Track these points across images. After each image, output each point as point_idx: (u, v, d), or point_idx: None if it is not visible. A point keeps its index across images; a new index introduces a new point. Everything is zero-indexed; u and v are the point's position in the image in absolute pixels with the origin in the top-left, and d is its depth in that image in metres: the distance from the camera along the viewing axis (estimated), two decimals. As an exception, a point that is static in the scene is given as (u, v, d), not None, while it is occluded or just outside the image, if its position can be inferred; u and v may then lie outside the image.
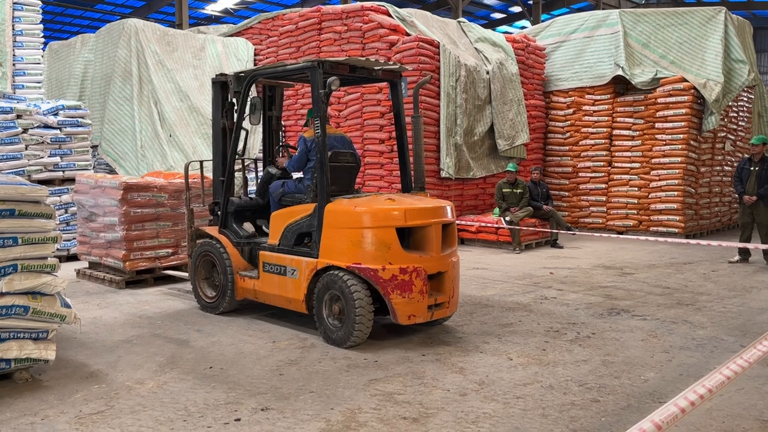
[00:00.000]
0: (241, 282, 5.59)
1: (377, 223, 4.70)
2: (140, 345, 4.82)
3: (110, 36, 11.18)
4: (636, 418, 3.41)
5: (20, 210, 3.88)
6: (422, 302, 4.75)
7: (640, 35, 11.81)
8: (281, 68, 5.50)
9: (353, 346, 4.72)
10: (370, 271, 4.66)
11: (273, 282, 5.31)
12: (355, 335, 4.67)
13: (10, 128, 8.10)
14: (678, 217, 10.96)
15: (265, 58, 12.18)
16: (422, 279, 4.73)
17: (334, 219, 4.86)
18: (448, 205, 5.12)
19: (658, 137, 11.17)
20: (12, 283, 3.79)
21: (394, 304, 4.68)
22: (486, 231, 10.18)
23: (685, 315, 5.75)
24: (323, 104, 5.01)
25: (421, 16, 11.07)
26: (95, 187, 7.08)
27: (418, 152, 5.59)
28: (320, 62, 5.02)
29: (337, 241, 4.82)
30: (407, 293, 4.68)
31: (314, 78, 5.01)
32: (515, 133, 11.22)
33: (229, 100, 5.95)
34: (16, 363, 3.88)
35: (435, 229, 4.85)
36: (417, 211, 4.82)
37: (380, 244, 4.68)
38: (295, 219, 5.21)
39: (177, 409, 3.58)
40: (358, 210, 4.77)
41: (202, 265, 5.97)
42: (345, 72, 5.30)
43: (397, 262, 4.67)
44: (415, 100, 5.68)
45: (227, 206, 5.84)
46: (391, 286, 4.66)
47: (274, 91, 6.58)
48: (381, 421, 3.42)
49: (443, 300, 4.93)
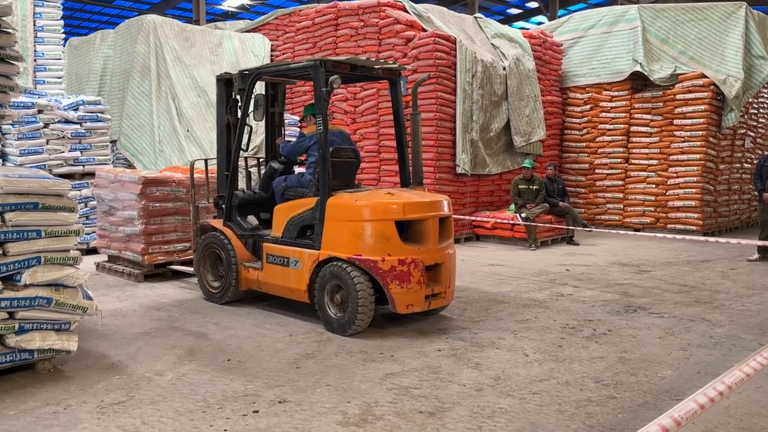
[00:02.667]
0: (245, 273, 5.77)
1: (377, 216, 4.91)
2: (159, 337, 4.88)
3: (129, 32, 11.28)
4: (653, 415, 3.40)
5: (44, 203, 3.95)
6: (420, 292, 4.95)
7: (659, 31, 11.69)
8: (284, 67, 5.72)
9: (355, 334, 4.90)
10: (370, 263, 4.86)
11: (276, 273, 5.50)
12: (357, 323, 4.85)
13: (32, 123, 8.22)
14: (696, 215, 10.86)
15: (282, 54, 12.22)
16: (420, 270, 4.93)
17: (336, 212, 5.06)
18: (445, 199, 5.33)
19: (676, 134, 11.06)
20: (35, 275, 3.86)
21: (393, 293, 4.88)
22: (501, 227, 10.16)
23: (702, 313, 5.71)
24: (325, 102, 5.17)
25: (438, 12, 11.05)
26: (115, 181, 7.16)
27: (416, 148, 5.78)
28: (322, 61, 5.23)
29: (338, 234, 5.02)
30: (405, 283, 4.89)
31: (316, 76, 5.20)
32: (531, 130, 11.17)
33: (234, 97, 6.08)
34: (39, 353, 3.95)
35: (432, 223, 5.07)
36: (415, 205, 5.02)
37: (380, 237, 4.89)
38: (297, 212, 5.40)
39: (196, 400, 3.63)
40: (358, 203, 4.97)
41: (208, 256, 6.15)
42: (346, 71, 5.47)
43: (396, 253, 4.88)
44: (414, 98, 5.85)
45: (231, 200, 6.00)
46: (390, 276, 4.86)
47: (277, 88, 6.72)
48: (397, 415, 3.44)
49: (440, 290, 5.14)
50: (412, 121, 5.83)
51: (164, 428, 3.26)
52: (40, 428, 3.26)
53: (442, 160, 9.96)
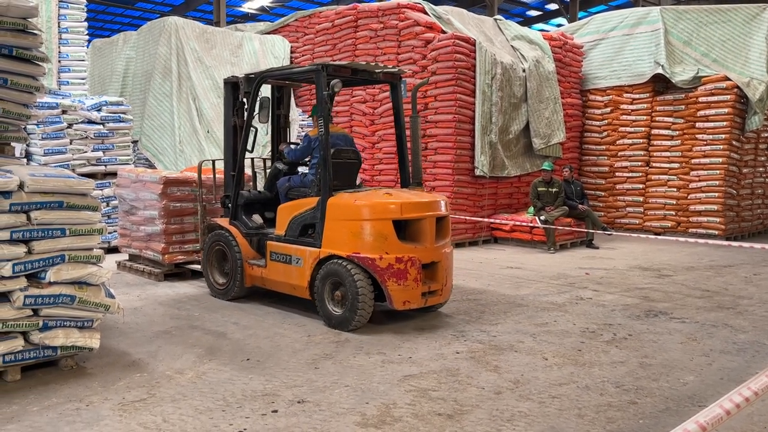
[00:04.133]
0: (249, 270, 5.96)
1: (375, 215, 5.09)
2: (179, 336, 4.93)
3: (151, 33, 11.41)
4: (675, 421, 3.36)
5: (68, 202, 4.00)
6: (416, 289, 5.11)
7: (681, 33, 11.56)
8: (288, 71, 5.99)
9: (354, 330, 5.05)
10: (368, 260, 5.02)
11: (279, 270, 5.68)
12: (357, 319, 5.01)
13: (56, 123, 8.34)
14: (718, 219, 10.72)
15: (302, 56, 12.27)
16: (417, 268, 5.10)
17: (336, 212, 5.23)
18: (443, 199, 5.51)
19: (698, 137, 10.93)
20: (60, 273, 3.91)
21: (390, 290, 5.04)
22: (520, 230, 10.10)
23: (725, 318, 5.63)
24: (327, 104, 5.34)
25: (457, 14, 11.02)
26: (136, 181, 7.24)
27: (415, 150, 5.94)
28: (324, 66, 5.42)
29: (338, 232, 5.19)
30: (402, 281, 5.04)
31: (318, 80, 5.41)
32: (551, 132, 11.10)
33: (240, 100, 6.26)
34: (62, 350, 4.01)
35: (429, 222, 5.23)
36: (412, 204, 5.19)
37: (378, 235, 5.05)
38: (300, 211, 5.58)
39: (216, 399, 3.66)
40: (358, 203, 5.15)
41: (214, 254, 6.33)
42: (347, 74, 5.67)
43: (394, 251, 5.05)
44: (414, 101, 6.02)
45: (237, 199, 6.18)
46: (387, 274, 5.01)
47: (282, 91, 6.94)
48: (416, 417, 3.43)
49: (436, 288, 5.30)
50: (411, 123, 5.98)
51: (185, 426, 3.29)
52: (63, 424, 3.30)
53: (460, 162, 9.93)
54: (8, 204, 3.77)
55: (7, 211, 3.77)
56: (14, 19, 4.14)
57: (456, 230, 9.89)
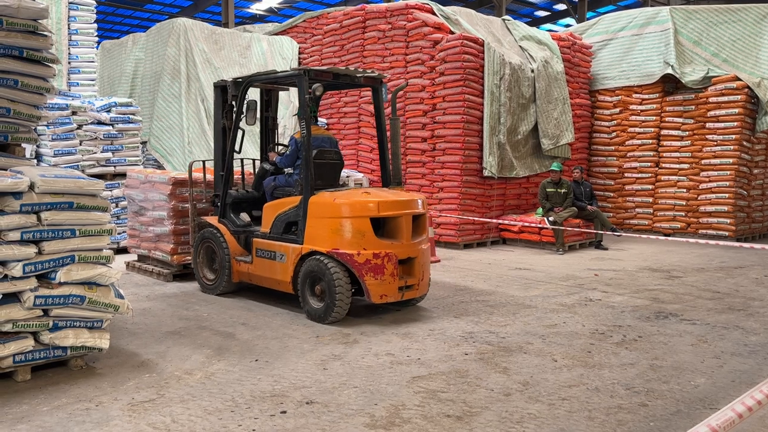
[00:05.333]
0: (237, 266, 6.19)
1: (353, 213, 5.31)
2: (188, 336, 4.94)
3: (160, 35, 11.45)
4: (686, 424, 3.34)
5: (78, 203, 4.02)
6: (393, 284, 5.33)
7: (691, 33, 11.49)
8: (273, 75, 6.20)
9: (333, 322, 5.28)
10: (347, 256, 5.24)
11: (264, 266, 5.91)
12: (334, 312, 5.23)
13: (66, 124, 8.39)
14: (729, 220, 10.64)
15: (310, 57, 12.29)
16: (393, 263, 5.31)
17: (317, 210, 5.47)
18: (420, 198, 5.72)
19: (708, 137, 10.86)
20: (70, 273, 3.93)
21: (368, 285, 5.25)
22: (529, 231, 10.07)
23: (736, 320, 5.59)
24: (309, 107, 5.62)
25: (466, 14, 11.00)
26: (145, 182, 7.27)
27: (395, 151, 6.22)
28: (306, 70, 5.65)
29: (319, 230, 5.43)
30: (380, 275, 5.26)
31: (301, 84, 5.64)
32: (560, 133, 11.05)
33: (229, 103, 6.46)
34: (72, 350, 4.03)
35: (405, 220, 5.44)
36: (389, 203, 5.42)
37: (356, 232, 5.28)
38: (283, 210, 5.82)
39: (225, 399, 3.66)
40: (337, 202, 5.37)
41: (204, 251, 6.56)
42: (329, 79, 5.88)
43: (371, 247, 5.27)
44: (393, 104, 6.25)
45: (226, 198, 6.42)
46: (365, 269, 5.23)
47: (270, 94, 7.12)
48: (425, 418, 3.42)
49: (413, 282, 5.50)
50: (391, 125, 6.23)
51: (194, 427, 3.29)
52: (72, 424, 3.31)
53: (468, 162, 9.91)
54: (19, 205, 3.79)
55: (17, 211, 3.79)
56: (25, 21, 4.16)
57: (464, 231, 9.87)
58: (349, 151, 11.40)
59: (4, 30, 4.09)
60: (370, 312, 5.77)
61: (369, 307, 5.90)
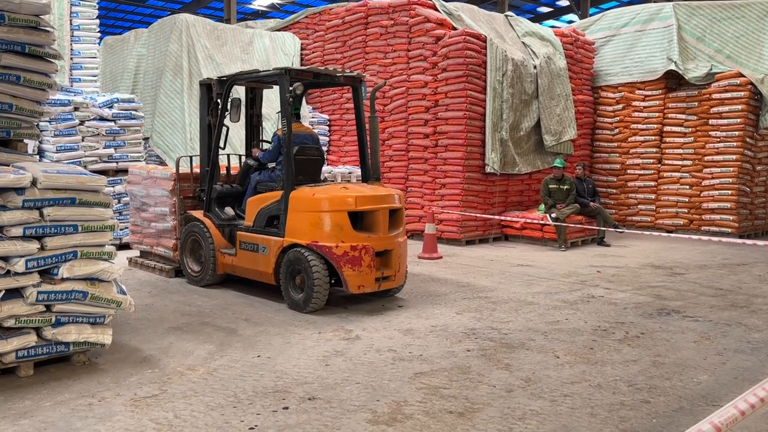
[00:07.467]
0: (221, 258, 6.38)
1: (332, 207, 5.52)
2: (190, 332, 4.94)
3: (162, 31, 11.43)
4: (689, 420, 3.33)
5: (80, 199, 4.02)
6: (370, 275, 5.55)
7: (694, 29, 11.45)
8: (255, 74, 6.41)
9: (312, 311, 5.49)
10: (326, 248, 5.46)
11: (248, 258, 6.10)
12: (313, 302, 5.45)
13: (69, 120, 8.38)
14: (731, 217, 10.62)
15: (312, 53, 12.27)
16: (370, 255, 5.53)
17: (297, 204, 5.66)
18: (397, 193, 5.91)
19: (711, 134, 10.83)
20: (72, 269, 3.93)
21: (346, 276, 5.47)
22: (531, 227, 10.06)
23: (739, 317, 5.58)
24: (290, 105, 5.79)
25: (468, 10, 10.98)
26: (147, 178, 7.27)
27: (374, 147, 6.38)
28: (287, 70, 5.84)
29: (299, 223, 5.62)
30: (357, 267, 5.48)
31: (282, 83, 5.80)
32: (562, 129, 11.03)
33: (215, 101, 6.61)
34: (74, 346, 4.03)
35: (382, 213, 5.67)
36: (367, 198, 5.62)
37: (334, 226, 5.49)
38: (266, 204, 6.00)
39: (227, 395, 3.66)
40: (316, 196, 5.58)
41: (190, 243, 6.70)
42: (309, 78, 6.06)
43: (349, 240, 5.48)
44: (372, 103, 6.36)
45: (211, 193, 6.59)
46: (343, 260, 5.45)
47: (255, 92, 7.28)
48: (427, 415, 3.42)
49: (389, 273, 5.73)
50: (371, 123, 6.36)
51: (196, 422, 3.30)
52: (75, 420, 3.32)
53: (471, 159, 9.89)
54: (21, 200, 3.79)
55: (20, 207, 3.79)
56: (27, 17, 4.16)
57: (466, 227, 9.86)
58: (351, 147, 11.40)
59: (6, 26, 4.09)
60: (371, 309, 5.78)
61: (370, 304, 5.91)
